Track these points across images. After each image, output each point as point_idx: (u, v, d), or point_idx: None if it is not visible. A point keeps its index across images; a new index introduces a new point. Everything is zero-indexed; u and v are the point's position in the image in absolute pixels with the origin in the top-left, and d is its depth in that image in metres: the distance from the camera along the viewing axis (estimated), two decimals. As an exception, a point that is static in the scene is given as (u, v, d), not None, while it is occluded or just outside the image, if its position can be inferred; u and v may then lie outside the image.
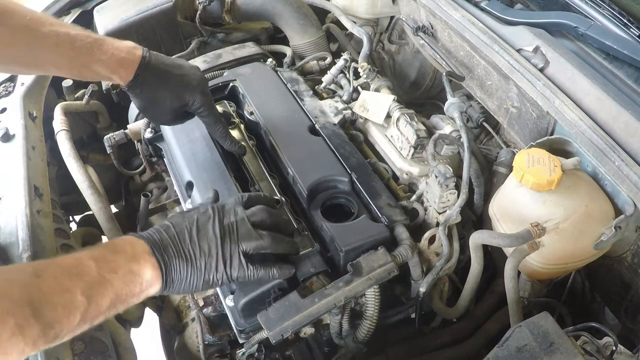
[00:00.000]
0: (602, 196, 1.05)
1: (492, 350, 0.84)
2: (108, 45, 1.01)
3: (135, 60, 1.03)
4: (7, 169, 1.19)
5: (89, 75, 1.02)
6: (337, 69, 1.50)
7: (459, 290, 1.18)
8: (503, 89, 1.30)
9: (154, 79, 1.05)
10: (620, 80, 1.13)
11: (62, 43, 0.96)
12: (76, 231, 1.45)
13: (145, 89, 1.06)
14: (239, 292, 0.98)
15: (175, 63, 1.11)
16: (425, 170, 1.24)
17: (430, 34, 1.53)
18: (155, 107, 1.09)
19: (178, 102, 1.09)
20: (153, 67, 1.05)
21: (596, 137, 1.02)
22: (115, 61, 1.01)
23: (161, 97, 1.07)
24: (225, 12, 1.75)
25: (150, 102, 1.08)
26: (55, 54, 0.97)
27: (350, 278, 0.99)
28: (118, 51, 1.02)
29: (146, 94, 1.07)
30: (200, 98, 1.10)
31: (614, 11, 1.21)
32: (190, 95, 1.09)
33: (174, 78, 1.08)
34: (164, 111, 1.10)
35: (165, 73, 1.07)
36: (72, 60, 0.99)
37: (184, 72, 1.10)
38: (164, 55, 1.11)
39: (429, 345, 1.17)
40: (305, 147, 1.24)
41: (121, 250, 0.82)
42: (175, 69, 1.09)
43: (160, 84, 1.06)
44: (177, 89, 1.08)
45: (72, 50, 0.97)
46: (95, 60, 1.00)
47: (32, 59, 0.99)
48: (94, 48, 0.99)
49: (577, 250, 1.04)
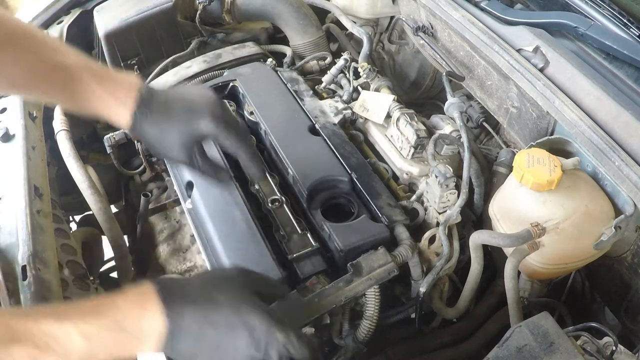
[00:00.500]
0: (602, 196, 1.05)
1: (492, 350, 0.84)
2: (107, 80, 0.91)
3: (132, 97, 0.91)
4: (7, 169, 1.19)
5: (85, 110, 0.94)
6: (337, 69, 1.50)
7: (459, 290, 1.18)
8: (503, 89, 1.30)
9: (155, 115, 0.92)
10: (620, 80, 1.13)
11: (59, 70, 0.89)
12: (76, 231, 1.45)
13: (147, 129, 0.92)
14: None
15: (178, 92, 0.97)
16: (425, 170, 1.24)
17: (430, 34, 1.53)
18: (163, 145, 0.94)
19: (186, 134, 0.93)
20: (152, 103, 0.92)
21: (596, 137, 1.02)
22: (112, 98, 0.90)
23: (167, 132, 0.92)
24: (225, 12, 1.75)
25: (157, 140, 0.94)
26: (50, 81, 0.90)
27: (350, 278, 0.99)
28: (117, 86, 0.91)
29: (150, 134, 0.93)
30: (210, 122, 0.91)
31: (614, 11, 1.21)
32: (197, 122, 0.92)
33: (178, 108, 0.93)
34: (174, 147, 0.93)
35: (167, 105, 0.93)
36: (65, 91, 0.90)
37: (189, 98, 0.95)
38: (166, 90, 0.98)
39: (429, 345, 1.17)
40: (305, 147, 1.24)
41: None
42: (178, 98, 0.95)
43: (163, 118, 0.92)
44: (183, 119, 0.92)
45: (67, 79, 0.89)
46: (90, 95, 0.90)
47: (26, 84, 0.92)
48: (91, 81, 0.90)
49: (577, 250, 1.04)
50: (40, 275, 0.97)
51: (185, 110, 0.93)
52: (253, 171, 0.98)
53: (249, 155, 0.96)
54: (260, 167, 0.99)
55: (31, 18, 1.68)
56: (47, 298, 0.94)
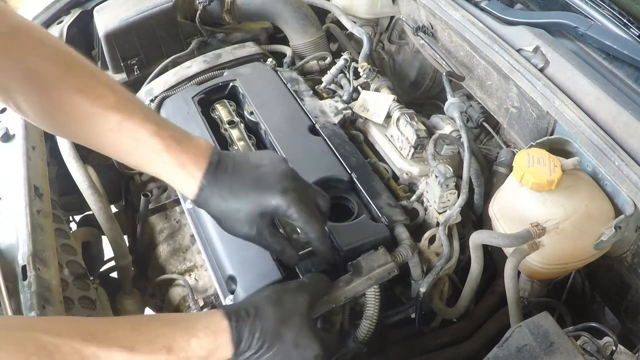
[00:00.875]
0: (602, 196, 1.05)
1: (492, 350, 0.84)
2: (175, 147, 0.85)
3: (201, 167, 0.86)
4: (7, 169, 1.19)
5: (143, 170, 0.90)
6: (337, 69, 1.50)
7: (459, 290, 1.18)
8: (503, 89, 1.30)
9: (223, 191, 0.86)
10: (620, 80, 1.13)
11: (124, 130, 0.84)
12: (76, 231, 1.45)
13: (214, 203, 0.87)
14: (238, 291, 0.98)
15: (249, 162, 0.90)
16: (425, 170, 1.24)
17: (430, 34, 1.53)
18: (231, 221, 0.88)
19: (254, 211, 0.86)
20: (221, 176, 0.87)
21: (596, 137, 1.02)
22: (178, 167, 0.85)
23: (235, 209, 0.86)
24: (225, 12, 1.75)
25: (224, 215, 0.88)
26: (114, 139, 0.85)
27: (350, 278, 0.99)
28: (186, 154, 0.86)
29: (217, 209, 0.88)
30: (280, 199, 0.85)
31: (614, 11, 1.21)
32: (267, 198, 0.86)
33: (247, 182, 0.87)
34: (242, 224, 0.88)
35: (236, 178, 0.87)
36: (124, 148, 0.86)
37: (259, 171, 0.88)
38: (236, 154, 0.92)
39: (429, 345, 1.17)
40: (305, 147, 1.24)
41: None
42: (248, 170, 0.88)
43: (231, 195, 0.86)
44: (251, 196, 0.86)
45: (130, 138, 0.85)
46: (155, 159, 0.85)
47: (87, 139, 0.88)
48: (159, 145, 0.84)
49: (577, 250, 1.04)
50: (40, 275, 0.97)
51: (254, 184, 0.87)
52: (319, 252, 0.95)
53: (318, 237, 0.90)
54: (327, 248, 0.94)
55: (31, 18, 1.68)
56: (47, 298, 0.94)
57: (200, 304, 1.17)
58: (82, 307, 1.08)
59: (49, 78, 0.83)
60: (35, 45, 0.84)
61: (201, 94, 1.41)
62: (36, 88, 0.84)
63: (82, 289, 1.12)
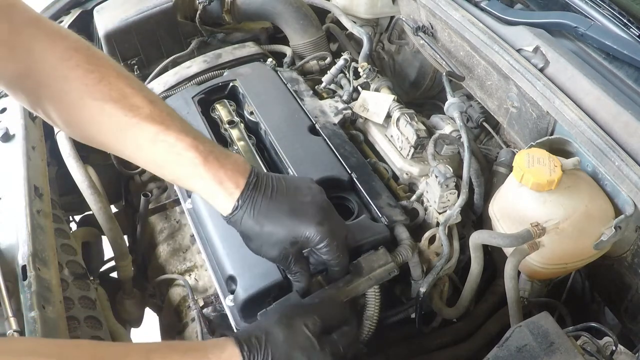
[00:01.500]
0: (602, 196, 1.05)
1: (492, 350, 0.84)
2: (213, 163, 0.83)
3: (239, 186, 0.84)
4: (7, 169, 1.19)
5: (178, 184, 0.89)
6: (337, 69, 1.50)
7: (459, 290, 1.18)
8: (503, 89, 1.30)
9: (258, 213, 0.84)
10: (620, 80, 1.13)
11: (160, 141, 0.82)
12: (76, 231, 1.45)
13: (247, 224, 0.85)
14: (238, 291, 0.98)
15: (288, 187, 0.88)
16: (425, 170, 1.24)
17: (430, 34, 1.53)
18: (261, 243, 0.87)
19: (287, 239, 0.85)
20: (258, 198, 0.85)
21: (596, 137, 1.02)
22: (216, 183, 0.84)
23: (267, 233, 0.85)
24: (225, 12, 1.75)
25: (255, 237, 0.87)
26: (152, 153, 0.83)
27: (350, 278, 0.99)
28: (224, 170, 0.84)
29: (249, 230, 0.86)
30: (314, 233, 0.84)
31: (614, 11, 1.21)
32: (301, 229, 0.85)
33: (283, 209, 0.85)
34: (271, 248, 0.87)
35: (273, 203, 0.85)
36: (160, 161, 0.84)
37: (298, 199, 0.87)
38: (274, 176, 0.89)
39: (429, 345, 1.17)
40: (305, 146, 1.24)
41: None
42: (285, 196, 0.87)
43: (267, 219, 0.85)
44: (286, 223, 0.85)
45: (167, 149, 0.82)
46: (192, 173, 0.83)
47: (113, 142, 0.86)
48: (196, 159, 0.82)
49: (577, 250, 1.04)
50: (40, 275, 0.97)
51: (291, 212, 0.85)
52: (335, 276, 0.96)
53: (341, 271, 0.93)
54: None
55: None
56: (47, 298, 0.94)
57: (200, 304, 1.17)
58: (82, 307, 1.08)
59: (80, 87, 0.81)
60: (65, 53, 0.82)
61: (201, 94, 1.41)
62: (66, 97, 0.81)
63: (82, 289, 1.12)
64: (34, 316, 0.89)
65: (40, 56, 0.80)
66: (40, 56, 0.80)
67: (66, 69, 0.80)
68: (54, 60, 0.80)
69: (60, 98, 0.82)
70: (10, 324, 0.87)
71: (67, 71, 0.80)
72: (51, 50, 0.81)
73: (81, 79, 0.81)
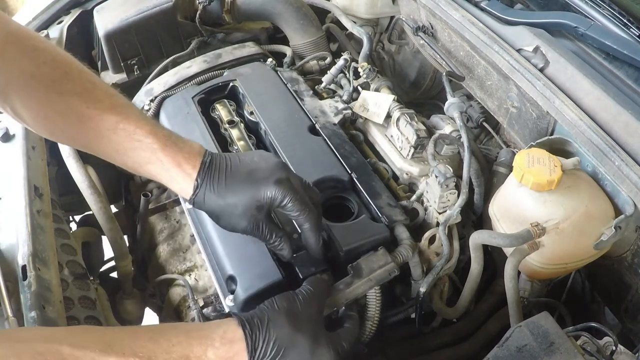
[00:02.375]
0: (602, 196, 1.05)
1: (492, 350, 0.84)
2: (171, 147, 0.88)
3: (195, 166, 0.88)
4: (7, 169, 1.19)
5: (138, 172, 0.92)
6: (337, 69, 1.50)
7: (459, 290, 1.18)
8: (503, 89, 1.30)
9: (218, 187, 0.88)
10: (620, 80, 1.13)
11: (120, 130, 0.86)
12: (76, 231, 1.45)
13: (210, 201, 0.89)
14: (238, 291, 0.98)
15: (241, 160, 0.92)
16: (425, 170, 1.24)
17: (430, 34, 1.53)
18: (228, 217, 0.90)
19: (251, 204, 0.88)
20: (215, 174, 0.89)
21: (596, 137, 1.02)
22: (175, 166, 0.87)
23: (231, 204, 0.88)
24: (225, 12, 1.75)
25: (221, 212, 0.90)
26: (107, 139, 0.87)
27: (350, 280, 0.99)
28: (181, 154, 0.88)
29: (214, 206, 0.90)
30: (274, 189, 0.88)
31: (614, 11, 1.21)
32: (262, 189, 0.88)
33: (241, 177, 0.89)
34: (240, 219, 0.90)
35: (230, 176, 0.89)
36: (120, 150, 0.88)
37: (252, 167, 0.91)
38: (228, 154, 0.94)
39: (429, 345, 1.17)
40: (305, 146, 1.24)
41: None
42: (241, 166, 0.91)
43: (227, 190, 0.88)
44: (246, 189, 0.88)
45: (124, 138, 0.86)
46: (150, 158, 0.87)
47: (74, 137, 0.90)
48: (154, 145, 0.87)
49: (577, 250, 1.04)
50: (40, 275, 0.97)
51: (248, 178, 0.89)
52: (310, 244, 0.95)
53: (312, 227, 0.92)
54: (318, 240, 0.95)
55: (31, 18, 1.68)
56: (47, 298, 0.94)
57: (200, 304, 1.17)
58: (82, 307, 1.08)
59: (46, 82, 0.85)
60: (32, 51, 0.86)
61: (201, 94, 1.41)
62: (34, 93, 0.85)
63: (82, 289, 1.12)
64: (34, 316, 0.89)
65: (8, 56, 0.84)
66: (8, 56, 0.84)
67: (34, 67, 0.85)
68: (22, 58, 0.84)
69: (28, 94, 0.86)
70: (10, 324, 0.87)
71: (34, 69, 0.85)
72: (19, 49, 0.85)
73: (47, 75, 0.85)
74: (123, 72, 1.66)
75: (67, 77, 0.86)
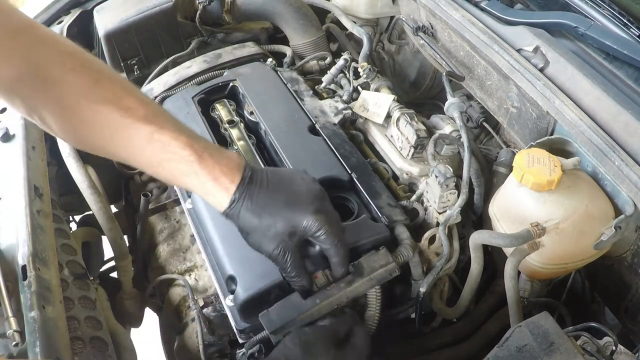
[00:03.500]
0: (602, 196, 1.05)
1: (492, 350, 0.84)
2: (208, 160, 0.84)
3: (234, 180, 0.85)
4: (7, 169, 1.19)
5: (172, 183, 0.92)
6: (337, 69, 1.50)
7: (459, 290, 1.18)
8: (503, 89, 1.30)
9: (255, 206, 0.85)
10: (620, 80, 1.13)
11: (155, 141, 0.83)
12: (76, 231, 1.45)
13: (244, 218, 0.86)
14: (238, 291, 0.98)
15: (282, 180, 0.89)
16: (425, 170, 1.24)
17: (430, 34, 1.53)
18: (259, 237, 0.88)
19: (286, 230, 0.86)
20: (254, 191, 0.86)
21: (596, 137, 1.02)
22: (211, 180, 0.85)
23: (265, 226, 0.86)
24: (225, 12, 1.75)
25: (253, 231, 0.88)
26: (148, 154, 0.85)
27: (351, 279, 0.99)
28: (219, 167, 0.85)
29: (247, 224, 0.87)
30: (312, 221, 0.85)
31: (614, 11, 1.21)
32: (299, 218, 0.86)
33: (280, 200, 0.86)
34: (270, 242, 0.87)
35: (269, 196, 0.86)
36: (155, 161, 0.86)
37: (292, 189, 0.88)
38: (269, 169, 0.90)
39: (429, 345, 1.17)
40: (305, 146, 1.24)
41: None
42: (281, 187, 0.88)
43: (264, 211, 0.86)
44: (284, 214, 0.86)
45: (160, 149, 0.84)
46: (186, 170, 0.84)
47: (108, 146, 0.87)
48: (191, 157, 0.84)
49: (577, 250, 1.04)
50: (40, 275, 0.97)
51: (287, 202, 0.86)
52: (337, 271, 0.95)
53: (340, 261, 0.92)
54: (345, 274, 0.96)
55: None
56: (47, 298, 0.94)
57: (200, 304, 1.17)
58: (82, 307, 1.08)
59: (75, 90, 0.82)
60: (61, 57, 0.83)
61: (201, 94, 1.41)
62: (63, 101, 0.82)
63: (82, 289, 1.12)
64: (34, 316, 0.89)
65: (35, 61, 0.80)
66: (35, 61, 0.80)
67: (62, 73, 0.81)
68: (49, 65, 0.81)
69: (56, 102, 0.82)
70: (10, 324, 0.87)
71: (62, 75, 0.81)
72: (46, 55, 0.81)
73: (76, 82, 0.82)
74: (123, 72, 1.66)
75: (97, 85, 0.83)
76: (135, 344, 1.16)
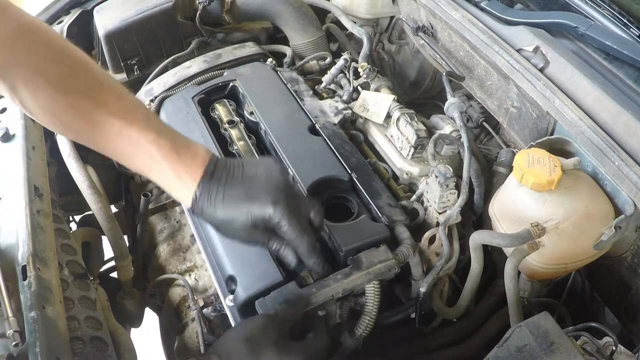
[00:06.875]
0: (602, 196, 1.05)
1: (492, 350, 0.84)
2: (172, 158, 0.86)
3: (196, 178, 0.86)
4: (7, 169, 1.19)
5: (137, 171, 0.91)
6: (337, 69, 1.50)
7: (459, 290, 1.18)
8: (503, 89, 1.30)
9: (216, 201, 0.86)
10: (620, 80, 1.13)
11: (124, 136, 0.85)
12: (76, 231, 1.45)
13: (208, 213, 0.87)
14: (238, 291, 0.98)
15: (246, 172, 0.89)
16: (425, 170, 1.24)
17: (430, 34, 1.53)
18: (227, 229, 0.90)
19: (246, 222, 0.87)
20: (215, 186, 0.87)
21: (596, 137, 1.02)
22: (175, 178, 0.86)
23: (228, 218, 0.87)
24: (225, 12, 1.75)
25: (220, 224, 0.89)
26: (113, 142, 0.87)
27: (349, 271, 0.99)
28: (183, 165, 0.86)
29: (212, 218, 0.88)
30: (272, 212, 0.86)
31: (614, 11, 1.21)
32: (258, 210, 0.86)
33: (239, 193, 0.87)
34: (237, 231, 0.89)
35: (229, 188, 0.87)
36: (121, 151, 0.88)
37: (253, 182, 0.88)
38: (234, 162, 0.90)
39: (429, 345, 1.17)
40: (305, 146, 1.24)
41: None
42: (243, 180, 0.88)
43: (224, 205, 0.86)
44: (242, 206, 0.86)
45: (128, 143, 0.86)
46: (151, 165, 0.86)
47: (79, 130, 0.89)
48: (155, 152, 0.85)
49: (577, 250, 1.04)
50: (40, 275, 0.97)
51: (245, 196, 0.87)
52: (309, 266, 0.95)
53: (306, 251, 0.91)
54: (319, 262, 0.94)
55: (31, 18, 1.68)
56: (47, 298, 0.94)
57: (200, 304, 1.17)
58: (82, 307, 1.08)
59: (52, 80, 0.84)
60: (42, 46, 0.85)
61: (201, 94, 1.41)
62: (40, 89, 0.84)
63: (82, 289, 1.12)
64: (34, 316, 0.89)
65: (18, 50, 0.82)
66: (18, 50, 0.82)
67: (41, 63, 0.84)
68: (30, 54, 0.83)
69: (35, 89, 0.84)
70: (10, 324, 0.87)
71: (41, 65, 0.84)
72: (30, 43, 0.84)
73: (53, 73, 0.84)
74: (123, 72, 1.66)
75: (73, 75, 0.85)
76: (135, 344, 1.15)
